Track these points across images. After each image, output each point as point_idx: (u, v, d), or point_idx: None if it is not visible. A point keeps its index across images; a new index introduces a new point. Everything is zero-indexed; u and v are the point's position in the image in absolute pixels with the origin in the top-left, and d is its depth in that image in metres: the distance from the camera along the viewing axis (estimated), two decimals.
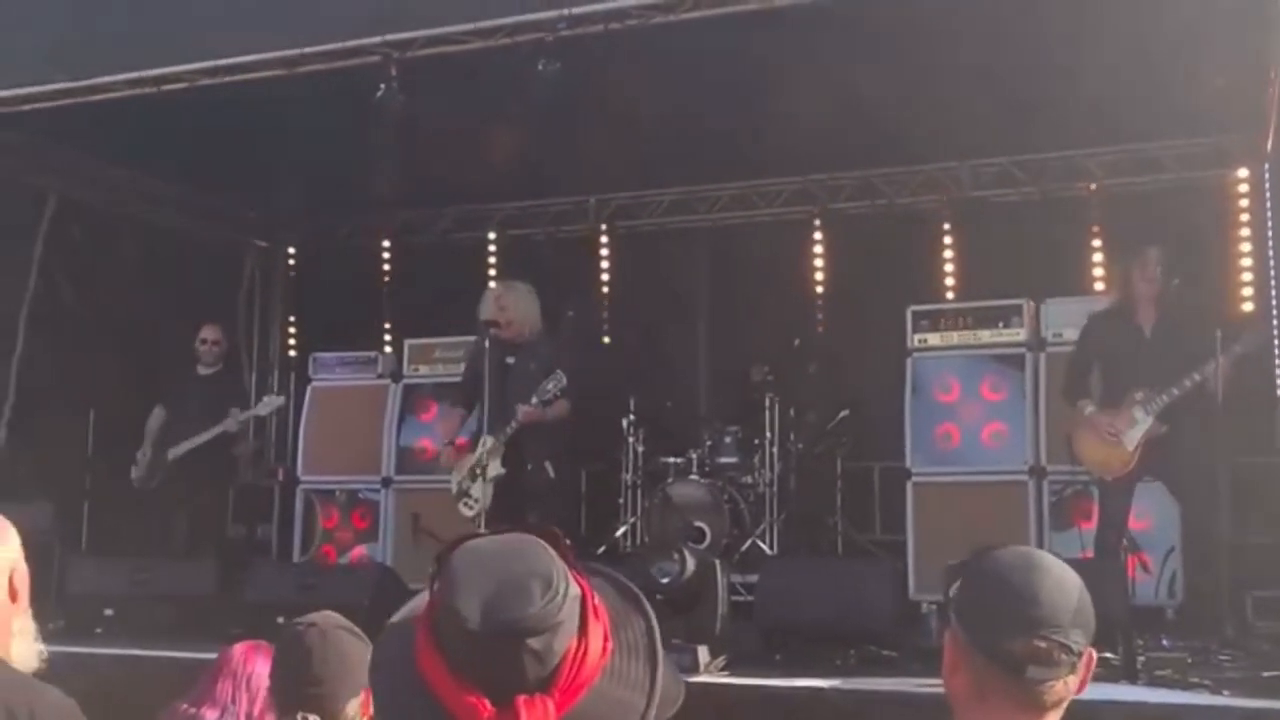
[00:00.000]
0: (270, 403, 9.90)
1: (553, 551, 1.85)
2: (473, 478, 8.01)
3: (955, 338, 9.18)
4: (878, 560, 9.26)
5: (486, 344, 7.93)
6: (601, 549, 9.83)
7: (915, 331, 9.28)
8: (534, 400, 7.69)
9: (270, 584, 8.13)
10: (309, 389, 10.91)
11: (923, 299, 9.70)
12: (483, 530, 2.08)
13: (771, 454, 9.80)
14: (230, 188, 11.74)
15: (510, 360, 8.08)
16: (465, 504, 8.09)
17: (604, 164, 10.83)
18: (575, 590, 1.81)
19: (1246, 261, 9.61)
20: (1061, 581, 2.24)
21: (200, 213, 12.17)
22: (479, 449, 7.99)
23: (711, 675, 6.33)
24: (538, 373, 7.93)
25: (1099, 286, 9.95)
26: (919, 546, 8.87)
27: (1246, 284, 9.58)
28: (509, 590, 1.77)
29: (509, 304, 8.16)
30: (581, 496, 11.40)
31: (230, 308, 12.81)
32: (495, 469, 7.82)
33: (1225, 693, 5.72)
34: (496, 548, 1.84)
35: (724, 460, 9.90)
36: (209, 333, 10.08)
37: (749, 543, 9.53)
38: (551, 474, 8.04)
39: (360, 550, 10.38)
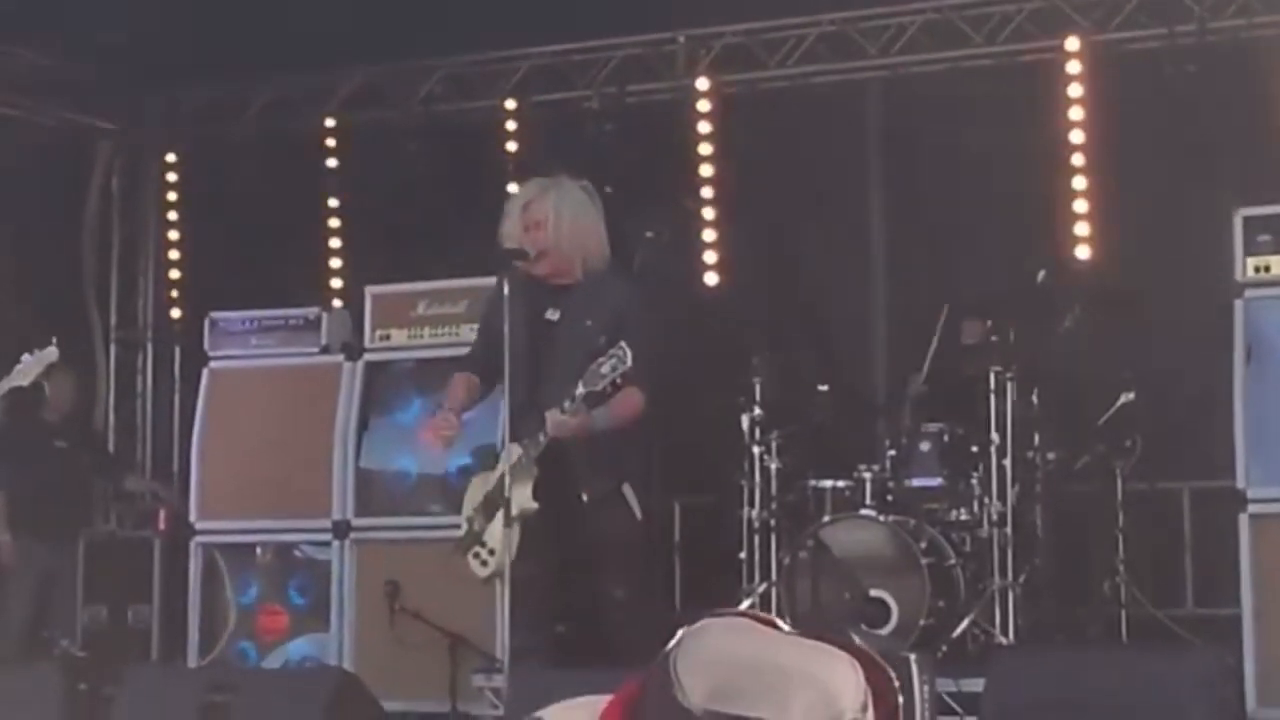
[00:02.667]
0: (36, 362, 8.47)
1: (861, 679, 2.09)
2: (489, 513, 8.01)
3: None
4: (1191, 651, 9.19)
5: (505, 288, 7.89)
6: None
7: (1249, 253, 9.25)
8: (578, 390, 7.58)
9: (154, 705, 8.14)
10: (205, 373, 11.05)
11: (1264, 195, 9.59)
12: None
13: (1002, 471, 9.84)
14: (64, 35, 11.84)
15: (553, 315, 8.03)
16: (476, 556, 8.12)
17: None
18: None
19: None
20: None
21: (11, 80, 12.28)
22: (500, 464, 7.98)
23: None
24: (596, 335, 7.87)
25: None
26: (1265, 625, 8.84)
27: None
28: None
29: (549, 216, 8.04)
30: (675, 549, 11.44)
31: (67, 237, 12.90)
32: (522, 499, 7.80)
33: None
34: (763, 644, 2.13)
35: (920, 483, 9.97)
36: None
37: (964, 625, 9.59)
38: (635, 509, 8.00)
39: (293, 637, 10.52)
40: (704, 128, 12.12)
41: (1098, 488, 10.22)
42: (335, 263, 12.70)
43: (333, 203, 12.86)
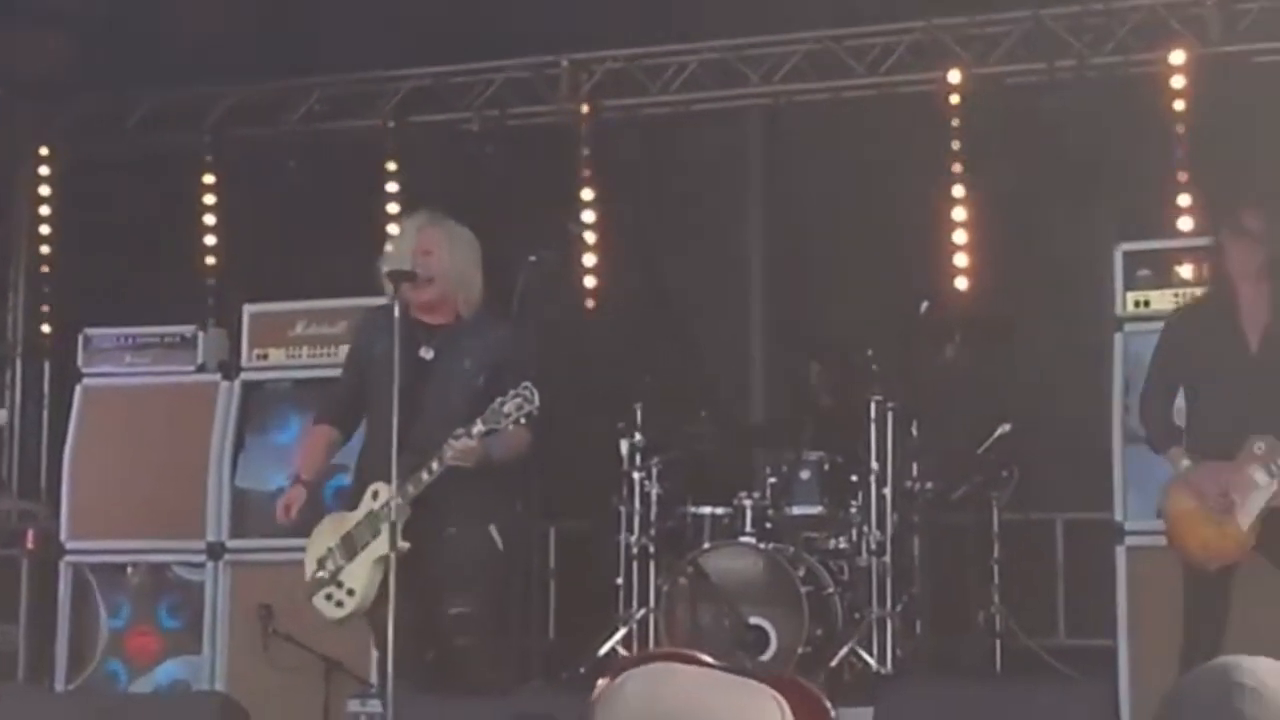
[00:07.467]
0: None
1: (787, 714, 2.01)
2: (349, 553, 7.97)
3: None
4: (1068, 683, 9.25)
5: (396, 312, 7.83)
6: (582, 669, 9.84)
7: (1129, 288, 9.36)
8: (477, 427, 7.58)
9: None
10: (77, 390, 10.89)
11: (1142, 230, 9.76)
12: (625, 651, 2.35)
13: (881, 500, 9.89)
14: None
15: (427, 354, 8.00)
16: (330, 598, 8.07)
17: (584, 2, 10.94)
18: None
19: None
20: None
21: None
22: (363, 504, 7.94)
23: None
24: (474, 376, 7.87)
25: None
26: (1140, 656, 8.89)
27: None
28: None
29: (439, 248, 8.07)
30: (550, 575, 11.38)
31: None
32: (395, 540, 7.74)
33: None
34: (689, 695, 2.05)
35: (799, 511, 9.99)
36: None
37: (844, 653, 9.61)
38: (498, 543, 8.01)
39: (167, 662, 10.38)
40: (585, 152, 12.11)
41: (974, 518, 10.27)
42: (212, 280, 12.55)
43: (209, 220, 12.73)
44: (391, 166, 12.40)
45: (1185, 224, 10.63)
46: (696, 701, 2.15)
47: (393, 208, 12.04)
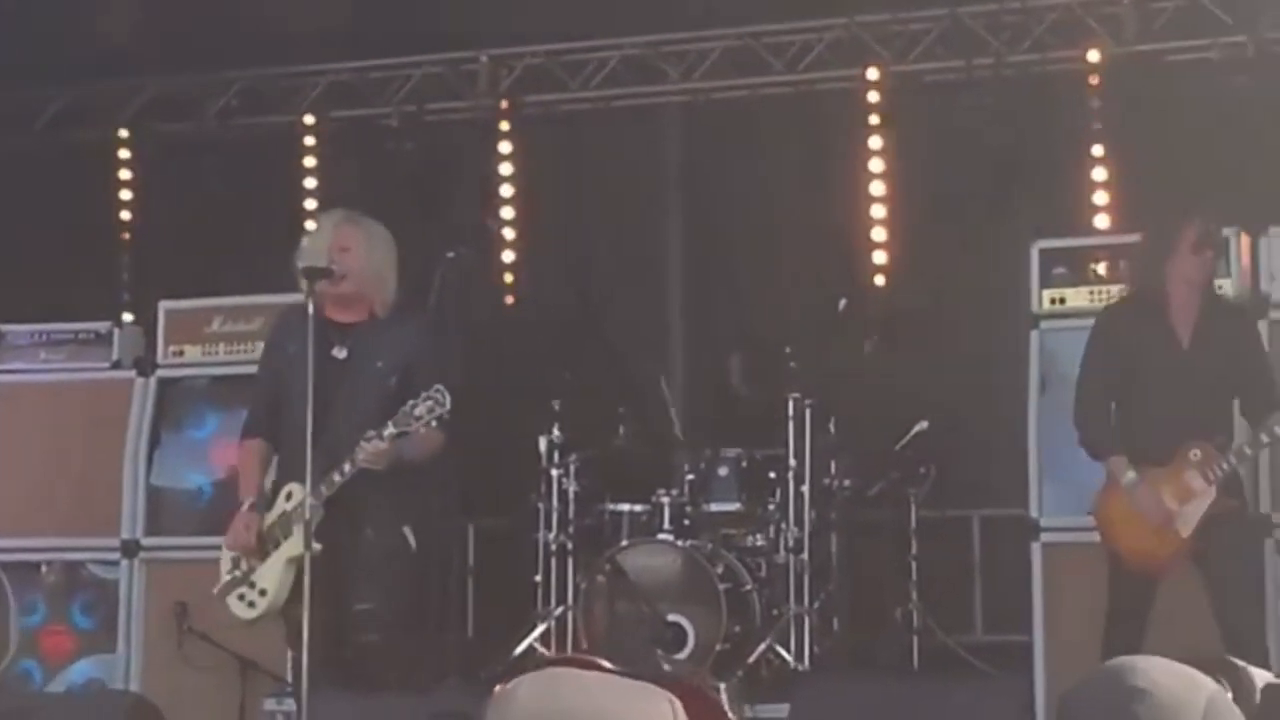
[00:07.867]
0: None
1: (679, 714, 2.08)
2: (262, 553, 7.95)
3: (1114, 295, 9.20)
4: (985, 679, 9.29)
5: (310, 308, 7.77)
6: (500, 669, 9.78)
7: (1045, 285, 9.35)
8: (388, 430, 7.55)
9: None
10: None
11: (1058, 228, 9.74)
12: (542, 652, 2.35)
13: (799, 497, 9.90)
14: None
15: (340, 353, 7.94)
16: (242, 598, 8.04)
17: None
18: None
19: None
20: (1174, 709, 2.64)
21: None
22: (277, 504, 7.91)
23: None
24: (386, 377, 7.82)
25: None
26: (1056, 652, 8.92)
27: None
28: None
29: (356, 245, 8.01)
30: (468, 572, 11.37)
31: None
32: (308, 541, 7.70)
33: None
34: (583, 698, 2.11)
35: (717, 508, 10.01)
36: None
37: (761, 650, 9.62)
38: (411, 543, 7.98)
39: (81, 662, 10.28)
40: (504, 148, 12.14)
41: (892, 515, 10.33)
42: (127, 276, 12.48)
43: (125, 215, 12.65)
44: (309, 162, 12.37)
45: (1101, 221, 10.72)
46: (588, 704, 2.19)
47: (310, 203, 12.01)
